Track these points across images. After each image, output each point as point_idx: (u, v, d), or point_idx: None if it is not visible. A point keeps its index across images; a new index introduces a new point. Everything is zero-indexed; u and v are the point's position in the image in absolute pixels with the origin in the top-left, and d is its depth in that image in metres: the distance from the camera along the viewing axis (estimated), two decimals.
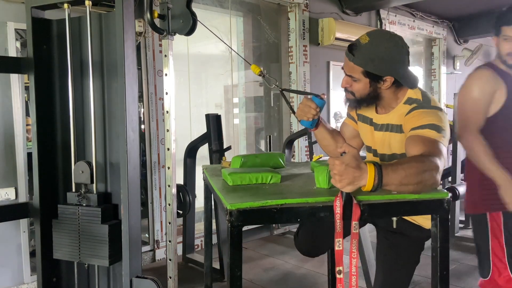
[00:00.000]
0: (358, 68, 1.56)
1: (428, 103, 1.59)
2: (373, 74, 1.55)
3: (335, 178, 1.24)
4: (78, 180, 2.18)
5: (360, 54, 1.54)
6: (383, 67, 1.54)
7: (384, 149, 1.73)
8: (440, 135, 1.47)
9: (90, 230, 2.12)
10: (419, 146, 1.43)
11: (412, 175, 1.28)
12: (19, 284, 3.03)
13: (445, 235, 1.35)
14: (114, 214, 2.19)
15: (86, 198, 2.16)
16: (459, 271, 3.39)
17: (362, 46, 1.54)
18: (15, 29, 2.95)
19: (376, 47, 1.53)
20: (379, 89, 1.60)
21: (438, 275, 1.34)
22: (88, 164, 2.16)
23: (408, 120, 1.57)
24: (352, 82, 1.61)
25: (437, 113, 1.54)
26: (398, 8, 5.96)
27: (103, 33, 2.18)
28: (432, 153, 1.37)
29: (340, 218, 1.26)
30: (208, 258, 2.49)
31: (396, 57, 1.54)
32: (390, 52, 1.53)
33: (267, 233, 4.44)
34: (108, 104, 2.21)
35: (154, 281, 2.05)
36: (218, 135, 3.36)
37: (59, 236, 2.19)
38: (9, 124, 2.94)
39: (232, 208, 1.23)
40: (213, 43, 4.49)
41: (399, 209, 1.35)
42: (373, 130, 1.76)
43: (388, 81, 1.57)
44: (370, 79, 1.57)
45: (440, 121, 1.51)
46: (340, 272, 1.29)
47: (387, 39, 1.55)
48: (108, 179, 2.22)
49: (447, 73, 7.18)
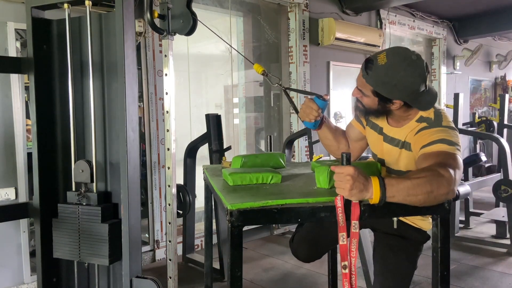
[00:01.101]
0: (369, 86, 1.53)
1: (439, 123, 1.54)
2: (383, 96, 1.52)
3: (339, 187, 1.24)
4: (78, 179, 2.18)
5: (374, 74, 1.49)
6: (394, 92, 1.50)
7: (391, 162, 1.70)
8: (452, 147, 1.42)
9: (90, 229, 2.12)
10: (430, 159, 1.38)
11: (420, 185, 1.24)
12: (19, 284, 3.03)
13: (446, 236, 1.35)
14: (114, 213, 2.19)
15: (86, 197, 2.16)
16: (459, 271, 3.39)
17: (378, 67, 1.48)
18: (15, 29, 2.95)
19: (391, 72, 1.46)
20: (388, 108, 1.58)
21: (438, 275, 1.35)
22: (88, 163, 2.16)
23: (417, 139, 1.53)
24: (362, 96, 1.59)
25: (447, 131, 1.49)
26: (398, 8, 5.96)
27: (103, 33, 2.18)
28: (445, 163, 1.32)
29: (342, 212, 1.25)
30: (208, 258, 2.48)
31: (410, 86, 1.48)
32: (405, 80, 1.46)
33: (267, 233, 4.44)
34: (108, 104, 2.21)
35: (154, 281, 2.05)
36: (218, 135, 3.36)
37: (59, 235, 2.19)
38: (9, 124, 2.93)
39: (233, 208, 1.23)
40: (213, 43, 4.49)
41: (400, 210, 1.35)
42: (382, 140, 1.72)
43: (397, 103, 1.54)
44: (378, 99, 1.55)
45: (451, 136, 1.46)
46: (346, 267, 1.27)
47: (406, 65, 1.46)
48: (108, 178, 2.22)
49: (447, 73, 7.17)
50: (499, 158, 4.78)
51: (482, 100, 8.30)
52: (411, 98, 1.51)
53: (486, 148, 7.68)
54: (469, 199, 4.55)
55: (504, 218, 4.06)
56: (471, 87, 7.93)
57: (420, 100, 1.52)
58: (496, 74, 8.48)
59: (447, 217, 1.35)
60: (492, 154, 7.74)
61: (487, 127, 5.25)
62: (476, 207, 5.09)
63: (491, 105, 6.57)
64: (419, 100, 1.52)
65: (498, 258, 3.69)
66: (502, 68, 8.35)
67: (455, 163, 1.35)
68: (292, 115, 4.92)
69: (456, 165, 1.34)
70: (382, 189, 1.24)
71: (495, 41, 8.14)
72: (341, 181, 1.24)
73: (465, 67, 7.53)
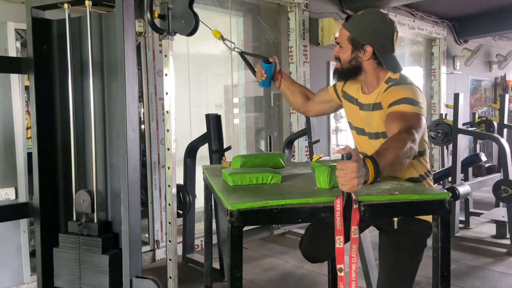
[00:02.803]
0: (346, 34, 1.74)
1: (405, 81, 1.71)
2: (356, 41, 1.71)
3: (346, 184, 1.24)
4: (79, 209, 2.22)
5: (351, 21, 1.74)
6: (364, 35, 1.70)
7: (369, 127, 1.82)
8: (415, 107, 1.58)
9: (91, 260, 2.15)
10: (397, 122, 1.54)
11: (400, 156, 1.38)
12: (19, 284, 3.02)
13: (446, 236, 1.34)
14: (114, 243, 2.21)
15: (87, 227, 2.18)
16: (459, 271, 3.39)
17: (355, 16, 1.75)
18: (15, 29, 2.94)
19: (364, 18, 1.72)
20: (360, 59, 1.73)
21: (439, 276, 1.34)
22: (89, 193, 2.20)
23: (385, 97, 1.68)
24: (339, 49, 1.78)
25: (410, 87, 1.66)
26: (398, 8, 5.95)
27: (103, 33, 2.18)
28: (411, 126, 1.49)
29: (340, 216, 1.26)
30: (208, 258, 2.48)
31: (378, 30, 1.70)
32: (374, 24, 1.70)
33: (267, 233, 4.44)
34: (108, 104, 2.21)
35: (154, 281, 2.05)
36: (218, 135, 3.36)
37: (60, 264, 2.22)
38: (9, 124, 2.93)
39: (233, 209, 1.23)
40: (213, 43, 4.48)
41: (400, 210, 1.35)
42: (358, 109, 1.85)
43: (368, 51, 1.70)
44: (352, 46, 1.73)
45: (414, 94, 1.62)
46: (341, 270, 1.27)
47: (377, 15, 1.73)
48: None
49: (447, 73, 7.17)
50: (499, 158, 4.78)
51: (482, 100, 8.30)
52: (378, 46, 1.70)
53: (486, 148, 7.68)
54: (469, 199, 4.55)
55: (504, 218, 4.06)
56: (471, 87, 7.93)
57: (388, 58, 1.71)
58: (496, 74, 8.48)
59: (448, 217, 1.34)
60: (492, 154, 7.74)
61: (487, 127, 5.24)
62: (476, 207, 5.08)
63: (491, 105, 6.56)
64: (386, 58, 1.71)
65: (498, 258, 3.69)
66: (502, 68, 8.35)
67: (418, 124, 1.53)
68: (292, 115, 4.92)
69: (419, 125, 1.53)
70: (376, 168, 1.31)
71: (495, 41, 8.14)
72: (345, 177, 1.23)
73: (465, 67, 7.52)
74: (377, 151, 1.38)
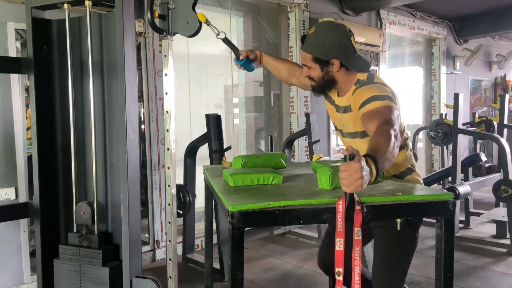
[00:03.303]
0: (308, 56, 1.75)
1: (371, 81, 1.73)
2: (320, 60, 1.73)
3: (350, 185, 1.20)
4: (79, 221, 2.21)
5: (308, 42, 1.74)
6: (326, 52, 1.71)
7: (345, 128, 1.87)
8: (385, 101, 1.60)
9: (91, 272, 2.14)
10: (374, 119, 1.56)
11: (391, 146, 1.38)
12: (19, 284, 3.02)
13: (450, 238, 1.32)
14: (115, 255, 2.20)
15: (88, 239, 2.18)
16: (459, 271, 3.39)
17: (309, 36, 1.74)
18: (15, 29, 2.94)
19: (319, 35, 1.72)
20: (331, 72, 1.76)
21: (442, 278, 1.32)
22: (89, 205, 2.19)
23: (354, 99, 1.72)
24: (309, 70, 1.80)
25: (375, 85, 1.69)
26: (398, 8, 5.95)
27: (103, 33, 2.18)
28: (387, 118, 1.52)
29: (342, 217, 1.24)
30: (208, 258, 2.48)
31: (337, 43, 1.71)
32: (330, 38, 1.70)
33: (267, 233, 4.43)
34: (108, 104, 2.20)
35: (154, 281, 2.05)
36: (218, 135, 3.35)
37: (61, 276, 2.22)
38: (9, 124, 2.93)
39: (234, 210, 1.21)
40: (213, 43, 4.48)
41: (404, 211, 1.33)
42: (335, 111, 1.90)
43: (335, 64, 1.73)
44: (319, 64, 1.74)
45: (379, 91, 1.65)
46: (340, 273, 1.24)
47: (329, 28, 1.74)
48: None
49: (447, 73, 7.17)
50: (499, 158, 4.77)
51: (482, 100, 8.30)
52: (343, 56, 1.71)
53: (486, 148, 7.67)
54: (469, 199, 4.55)
55: (504, 218, 4.05)
56: (471, 87, 7.93)
57: (354, 62, 1.74)
58: (496, 74, 8.48)
59: (452, 219, 1.32)
60: (492, 154, 7.74)
61: (487, 127, 5.24)
62: (476, 207, 5.08)
63: (491, 105, 6.55)
64: (352, 62, 1.73)
65: (498, 258, 3.69)
66: (502, 68, 8.35)
67: (392, 113, 1.55)
68: (292, 115, 4.92)
69: (393, 114, 1.55)
70: (376, 165, 1.30)
71: (495, 41, 8.14)
72: (350, 178, 1.19)
73: (465, 67, 7.52)
74: (370, 148, 1.36)
